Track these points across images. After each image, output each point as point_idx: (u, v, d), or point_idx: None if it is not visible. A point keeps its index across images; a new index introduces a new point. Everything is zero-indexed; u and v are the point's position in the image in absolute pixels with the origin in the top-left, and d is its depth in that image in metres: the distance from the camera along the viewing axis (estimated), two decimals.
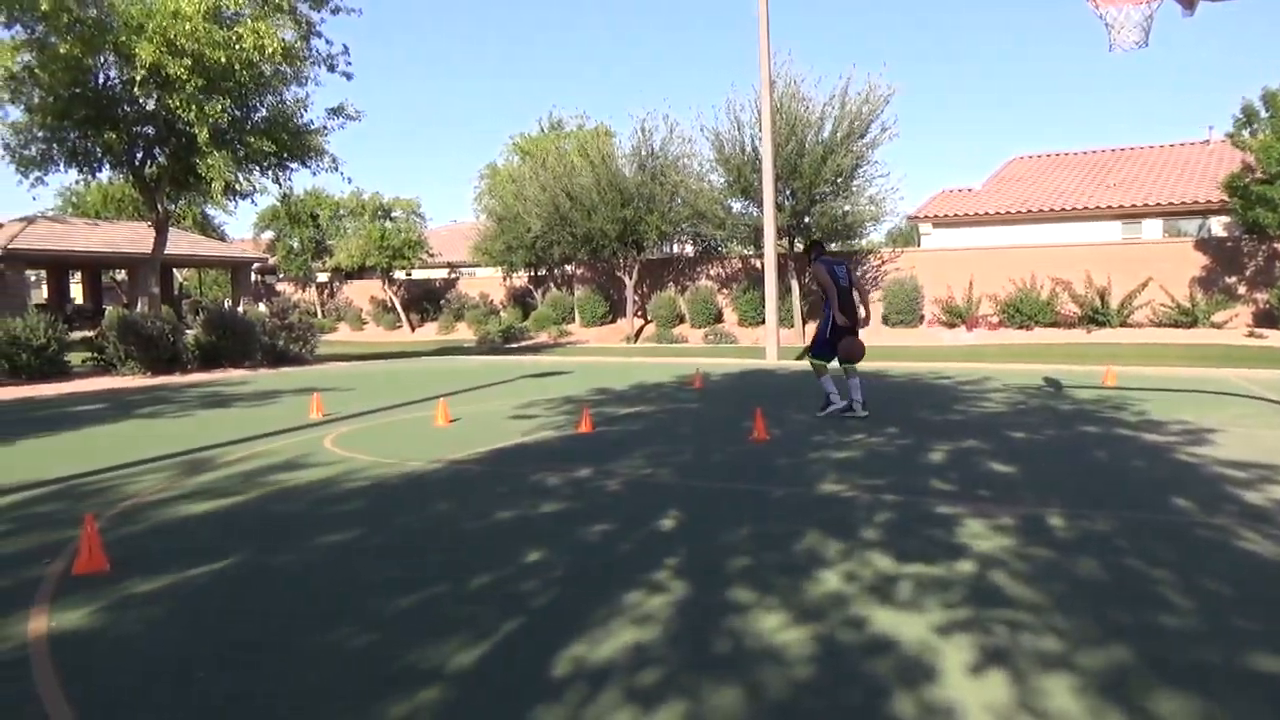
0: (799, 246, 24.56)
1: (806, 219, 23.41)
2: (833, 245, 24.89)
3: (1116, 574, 4.07)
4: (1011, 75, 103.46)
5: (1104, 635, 3.33)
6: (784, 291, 22.96)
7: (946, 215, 27.11)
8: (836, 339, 9.53)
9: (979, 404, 10.64)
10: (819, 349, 9.76)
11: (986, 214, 26.34)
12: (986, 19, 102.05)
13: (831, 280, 9.43)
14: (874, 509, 5.37)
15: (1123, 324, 21.72)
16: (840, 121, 22.26)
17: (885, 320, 24.56)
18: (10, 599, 4.00)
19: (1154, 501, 5.51)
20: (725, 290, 27.45)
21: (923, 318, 24.35)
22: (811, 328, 24.89)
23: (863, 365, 9.99)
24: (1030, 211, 25.76)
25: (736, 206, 24.68)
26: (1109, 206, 24.96)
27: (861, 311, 9.61)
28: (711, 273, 28.21)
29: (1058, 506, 5.33)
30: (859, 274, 25.53)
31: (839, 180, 22.69)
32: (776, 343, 19.28)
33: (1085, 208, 25.18)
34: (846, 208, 23.14)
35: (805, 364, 17.25)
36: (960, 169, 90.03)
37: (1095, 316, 21.97)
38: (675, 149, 25.90)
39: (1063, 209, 25.40)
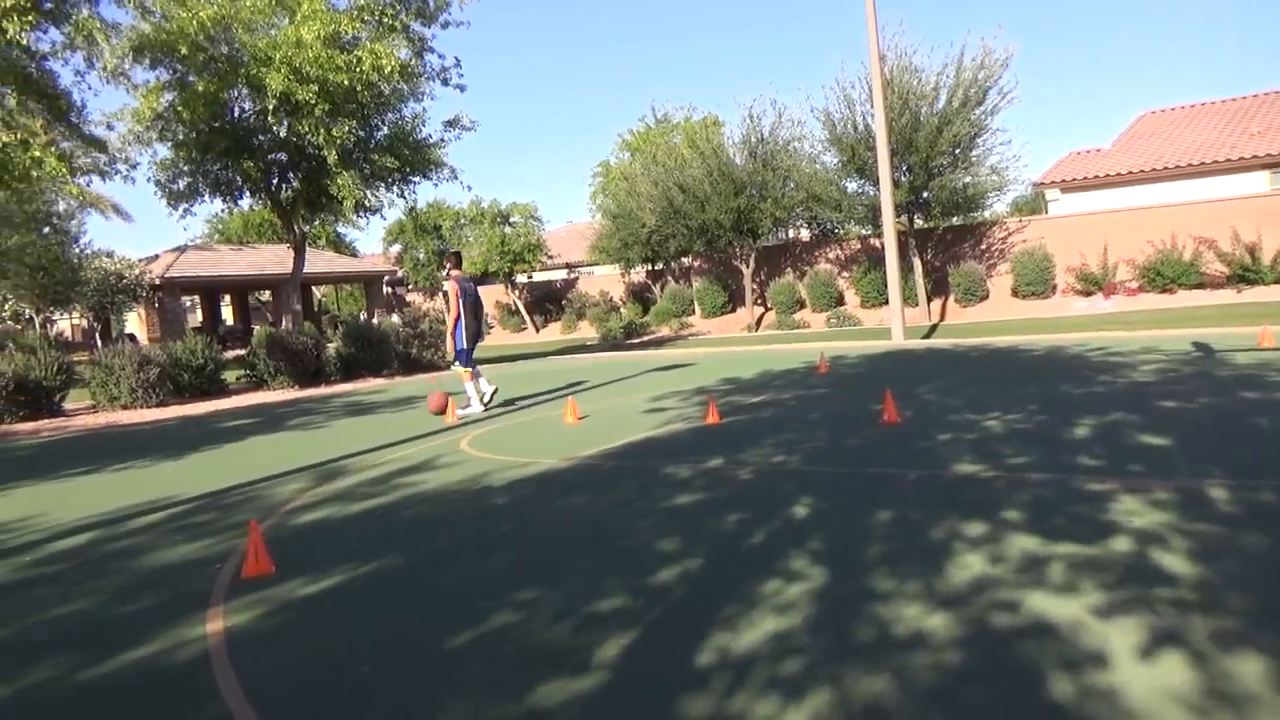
0: (919, 223, 23.91)
1: (925, 193, 22.75)
2: (954, 219, 24.15)
3: None
4: (1138, 28, 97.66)
5: None
6: (906, 270, 22.36)
7: (1075, 179, 25.83)
8: (473, 345, 11.24)
9: (1123, 374, 10.12)
10: (465, 358, 11.28)
11: (1118, 174, 24.97)
12: None
13: (460, 296, 11.01)
14: (1017, 489, 5.19)
15: (1277, 281, 20.22)
16: (955, 90, 21.52)
17: (1015, 293, 23.64)
18: (188, 603, 4.31)
19: None
20: (845, 272, 26.96)
21: (1055, 288, 23.31)
22: (937, 305, 24.31)
23: (999, 338, 9.73)
24: (1166, 168, 24.26)
25: (852, 186, 24.23)
26: (1253, 156, 23.24)
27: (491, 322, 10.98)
28: (830, 255, 27.76)
29: (1219, 478, 5.02)
30: (982, 246, 24.74)
31: (957, 151, 21.96)
32: (902, 322, 18.80)
33: (1227, 160, 23.52)
34: (967, 179, 22.35)
35: (933, 342, 16.88)
36: (1087, 130, 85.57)
37: (1245, 275, 20.53)
38: (785, 133, 25.60)
39: (1202, 163, 23.81)
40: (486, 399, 11.33)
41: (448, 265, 11.62)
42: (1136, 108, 65.58)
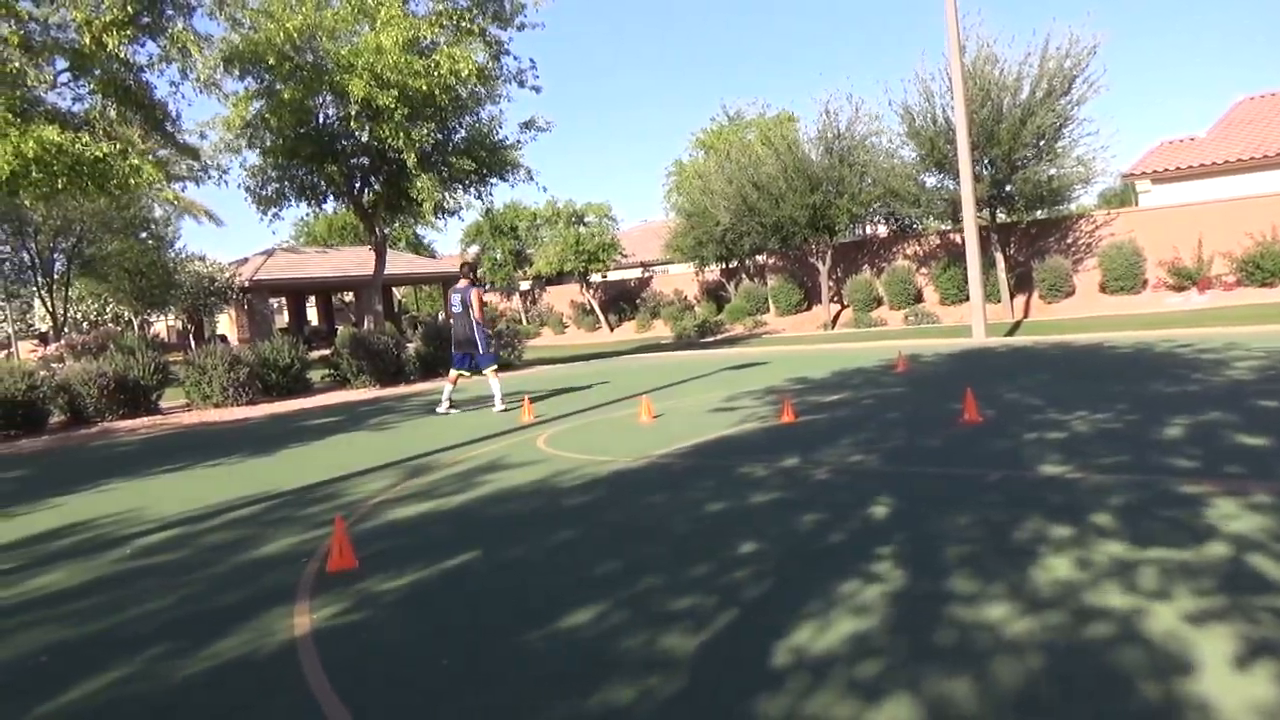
0: (1001, 217, 23.32)
1: (1008, 187, 22.17)
2: (1038, 213, 23.46)
3: None
4: (1235, 7, 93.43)
5: None
6: (988, 265, 21.81)
7: (1167, 170, 24.85)
8: (459, 348, 12.11)
9: (1220, 372, 9.71)
10: (459, 362, 12.35)
11: (1214, 164, 23.93)
12: None
13: (445, 306, 11.54)
14: (1104, 491, 5.03)
15: None
16: (1039, 81, 20.91)
17: (1103, 288, 22.86)
18: (276, 596, 4.45)
19: None
20: (924, 269, 26.44)
21: (1146, 283, 22.48)
22: (1020, 302, 23.68)
23: (1085, 335, 9.44)
24: (1266, 157, 23.14)
25: (931, 181, 23.73)
26: None
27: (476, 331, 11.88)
28: (908, 251, 27.26)
29: None
30: (1068, 241, 24.00)
31: (1041, 143, 21.34)
32: (983, 320, 18.33)
33: None
34: (1051, 172, 21.70)
35: (1015, 340, 16.47)
36: (1180, 118, 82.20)
37: None
38: (862, 128, 25.22)
39: None
40: (445, 405, 12.02)
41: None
42: (1233, 93, 62.67)
